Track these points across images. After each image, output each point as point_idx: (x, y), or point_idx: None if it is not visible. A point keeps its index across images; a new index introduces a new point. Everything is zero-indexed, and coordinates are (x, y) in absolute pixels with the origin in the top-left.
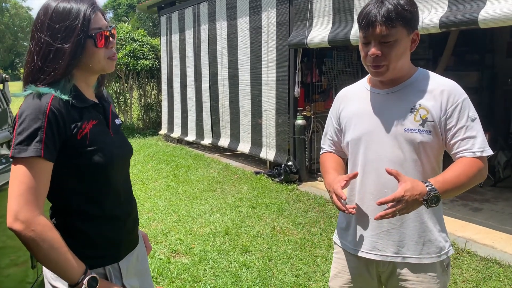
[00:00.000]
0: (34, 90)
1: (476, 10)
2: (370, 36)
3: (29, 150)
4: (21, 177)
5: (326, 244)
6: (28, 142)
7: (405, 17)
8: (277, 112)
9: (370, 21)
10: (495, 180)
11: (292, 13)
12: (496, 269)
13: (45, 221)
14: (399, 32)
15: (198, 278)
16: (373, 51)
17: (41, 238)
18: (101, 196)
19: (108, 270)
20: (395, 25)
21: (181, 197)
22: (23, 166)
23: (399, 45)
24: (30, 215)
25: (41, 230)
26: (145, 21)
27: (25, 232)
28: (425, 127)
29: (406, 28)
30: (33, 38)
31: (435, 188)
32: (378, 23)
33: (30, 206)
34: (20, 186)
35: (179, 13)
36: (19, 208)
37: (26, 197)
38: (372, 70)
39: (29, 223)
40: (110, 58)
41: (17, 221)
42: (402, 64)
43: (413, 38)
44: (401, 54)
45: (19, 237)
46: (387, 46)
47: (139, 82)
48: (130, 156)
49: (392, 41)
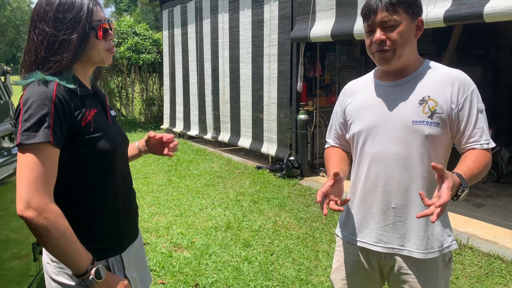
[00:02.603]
0: (40, 77)
1: (482, 4)
2: (373, 23)
3: (38, 136)
4: (31, 164)
5: (328, 238)
6: (36, 128)
7: (407, 2)
8: (279, 107)
9: (372, 8)
10: (498, 176)
11: (294, 6)
12: (498, 264)
13: (56, 209)
14: (402, 17)
15: (200, 272)
16: (377, 37)
17: (53, 226)
18: (104, 186)
19: (111, 262)
20: (397, 9)
21: (183, 191)
22: (31, 153)
23: (403, 29)
24: (42, 202)
25: (53, 217)
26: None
27: (37, 219)
28: (433, 119)
29: (409, 13)
30: (35, 28)
31: (467, 184)
32: (379, 9)
33: (41, 193)
34: (30, 173)
35: (181, 7)
36: (30, 195)
37: (36, 185)
38: (378, 57)
39: (42, 211)
40: (108, 50)
41: (29, 208)
42: (409, 52)
43: (417, 25)
44: (407, 39)
45: (29, 225)
46: (390, 30)
47: (141, 76)
48: (127, 145)
49: (396, 26)
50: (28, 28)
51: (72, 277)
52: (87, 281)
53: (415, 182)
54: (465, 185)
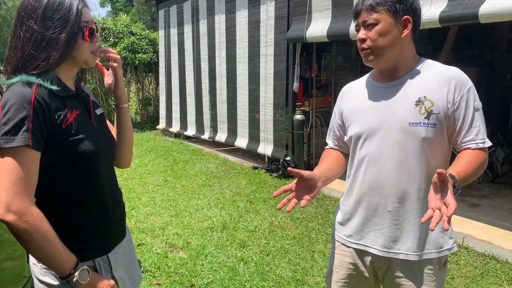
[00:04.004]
0: (24, 79)
1: (477, 4)
2: (358, 24)
3: (17, 139)
4: (10, 168)
5: (324, 239)
6: (15, 132)
7: (387, 2)
8: (275, 107)
9: (356, 10)
10: (493, 176)
11: (291, 7)
12: (493, 264)
13: (37, 212)
14: (382, 16)
15: (195, 272)
16: (358, 36)
17: (34, 229)
18: (88, 187)
19: (97, 262)
20: (377, 9)
21: (178, 192)
22: (10, 157)
23: (382, 27)
24: (23, 206)
25: (34, 221)
26: (143, 15)
27: (18, 223)
28: (430, 119)
29: (391, 13)
30: (22, 24)
31: (459, 185)
32: (362, 10)
33: (21, 197)
34: (9, 177)
35: (177, 7)
36: (10, 199)
37: (16, 188)
38: (362, 55)
39: (22, 214)
40: (93, 53)
41: (10, 212)
42: (396, 51)
43: (403, 24)
44: (387, 37)
45: (11, 229)
46: (370, 29)
47: (137, 76)
48: (113, 146)
49: (374, 24)
50: (14, 24)
51: (58, 278)
52: (72, 283)
53: (412, 184)
54: (458, 186)
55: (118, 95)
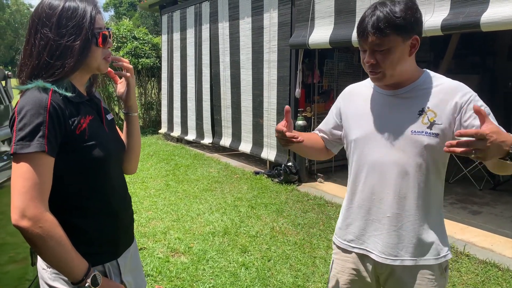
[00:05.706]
0: (40, 85)
1: (478, 13)
2: (364, 44)
3: (33, 145)
4: (25, 174)
5: (325, 245)
6: (31, 137)
7: (397, 25)
8: (278, 112)
9: (362, 30)
10: (495, 184)
11: (294, 13)
12: (494, 272)
13: (52, 218)
14: (392, 40)
15: (197, 277)
16: (367, 60)
17: (49, 235)
18: (99, 191)
19: (107, 267)
20: (386, 33)
21: (180, 196)
22: (26, 162)
23: (393, 52)
24: (37, 212)
25: (48, 227)
26: (147, 19)
27: (32, 229)
28: (432, 129)
29: (401, 35)
30: (36, 32)
31: None
32: (368, 32)
33: (36, 202)
34: (24, 182)
35: (180, 12)
36: (25, 205)
37: (31, 194)
38: (370, 76)
39: (37, 220)
40: (105, 58)
41: (24, 218)
42: (402, 69)
43: (412, 43)
44: (398, 60)
45: (25, 235)
46: (380, 54)
47: (140, 80)
48: (123, 152)
49: (385, 49)
50: (28, 31)
51: (68, 283)
52: None
53: (411, 191)
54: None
55: (129, 104)
